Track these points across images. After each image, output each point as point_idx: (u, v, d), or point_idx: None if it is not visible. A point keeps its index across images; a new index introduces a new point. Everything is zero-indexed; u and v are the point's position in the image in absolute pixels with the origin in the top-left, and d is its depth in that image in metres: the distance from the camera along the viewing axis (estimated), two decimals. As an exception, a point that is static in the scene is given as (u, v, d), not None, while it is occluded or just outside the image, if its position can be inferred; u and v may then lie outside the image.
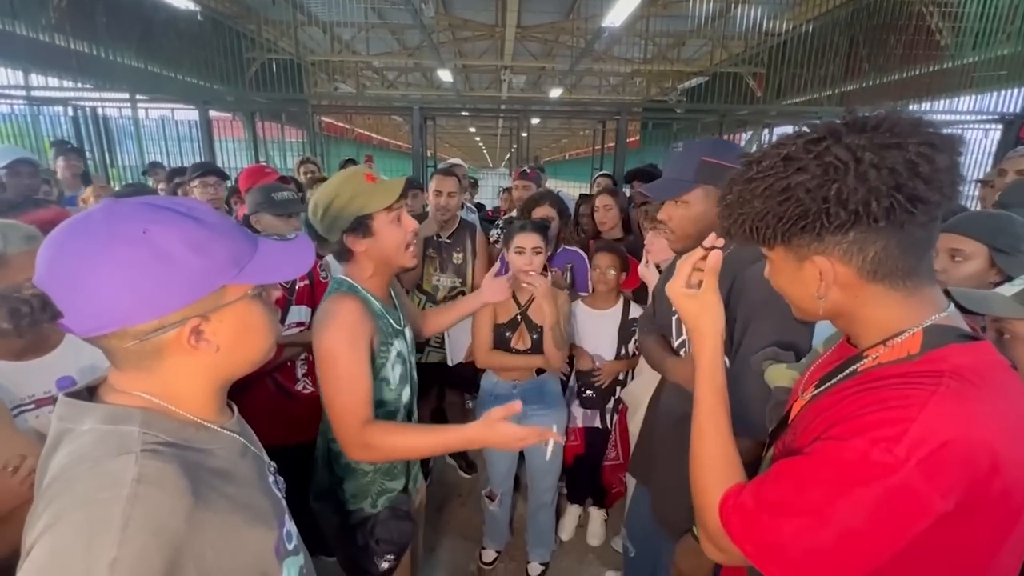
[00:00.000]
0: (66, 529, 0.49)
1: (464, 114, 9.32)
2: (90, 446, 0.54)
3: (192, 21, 7.05)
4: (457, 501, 2.60)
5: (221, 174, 2.79)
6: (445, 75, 10.16)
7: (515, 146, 6.77)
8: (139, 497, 0.50)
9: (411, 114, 4.68)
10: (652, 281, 1.83)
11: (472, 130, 23.99)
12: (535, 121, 13.54)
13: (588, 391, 2.16)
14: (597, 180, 3.87)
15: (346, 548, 1.29)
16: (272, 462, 0.76)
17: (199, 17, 7.08)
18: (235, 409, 0.73)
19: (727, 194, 0.66)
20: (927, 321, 0.60)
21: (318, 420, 1.29)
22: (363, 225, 1.13)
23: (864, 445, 0.53)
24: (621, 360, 2.10)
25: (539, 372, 1.93)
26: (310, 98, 6.48)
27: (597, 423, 2.19)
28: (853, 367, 0.65)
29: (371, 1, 7.94)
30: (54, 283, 0.53)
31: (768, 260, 0.69)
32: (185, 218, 0.58)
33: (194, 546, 0.54)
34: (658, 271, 1.82)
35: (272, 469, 0.76)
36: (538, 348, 1.85)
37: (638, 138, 9.45)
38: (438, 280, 2.41)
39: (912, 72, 6.30)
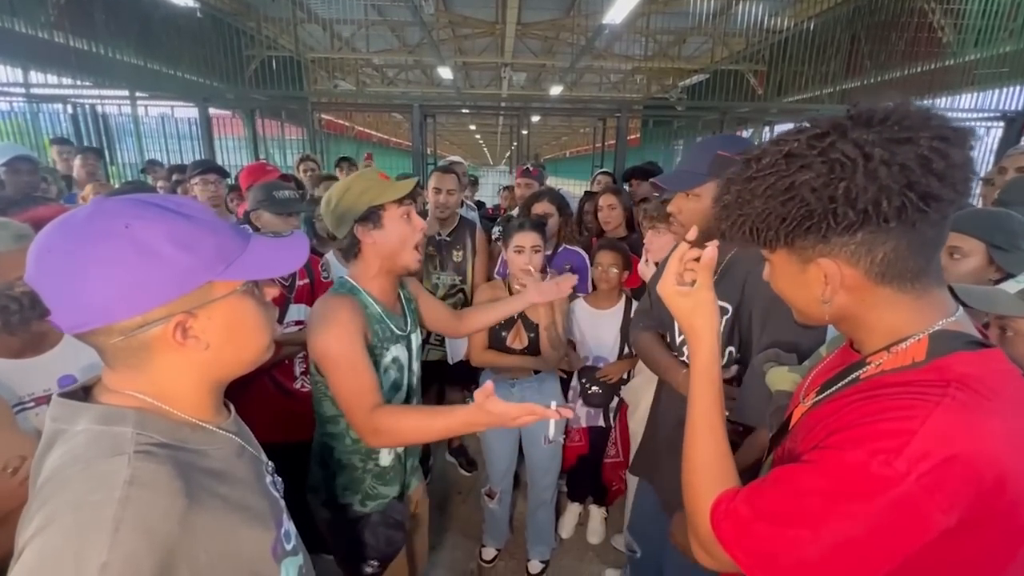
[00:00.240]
0: (56, 532, 0.48)
1: (464, 111, 9.33)
2: (83, 447, 0.54)
3: (191, 18, 7.04)
4: (457, 499, 2.60)
5: (221, 171, 2.79)
6: (445, 72, 10.14)
7: (515, 144, 6.77)
8: (131, 499, 0.50)
9: (411, 111, 4.67)
10: (652, 279, 1.82)
11: (472, 127, 23.97)
12: (535, 119, 13.52)
13: (594, 387, 2.13)
14: (597, 178, 3.87)
15: (336, 544, 1.29)
16: (270, 462, 0.76)
17: (198, 14, 7.07)
18: (232, 409, 0.72)
19: (724, 194, 0.63)
20: (935, 326, 0.57)
21: (316, 418, 1.29)
22: (374, 215, 1.17)
23: (864, 456, 0.51)
24: (624, 359, 2.08)
25: (537, 371, 1.92)
26: (310, 95, 6.46)
27: (600, 422, 2.18)
28: (855, 374, 0.62)
29: (371, -2, 7.95)
30: (41, 280, 0.53)
31: (768, 263, 0.66)
32: (170, 214, 0.57)
33: (187, 548, 0.53)
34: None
35: (270, 469, 0.75)
36: (535, 346, 1.85)
37: (638, 136, 9.45)
38: (438, 278, 2.40)
39: (914, 69, 6.27)
